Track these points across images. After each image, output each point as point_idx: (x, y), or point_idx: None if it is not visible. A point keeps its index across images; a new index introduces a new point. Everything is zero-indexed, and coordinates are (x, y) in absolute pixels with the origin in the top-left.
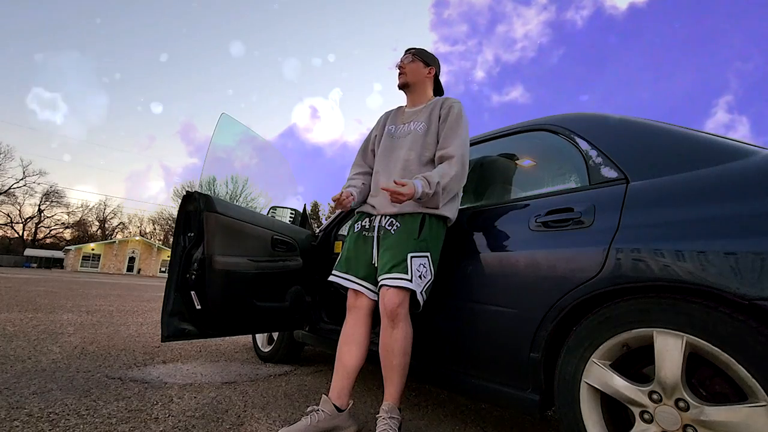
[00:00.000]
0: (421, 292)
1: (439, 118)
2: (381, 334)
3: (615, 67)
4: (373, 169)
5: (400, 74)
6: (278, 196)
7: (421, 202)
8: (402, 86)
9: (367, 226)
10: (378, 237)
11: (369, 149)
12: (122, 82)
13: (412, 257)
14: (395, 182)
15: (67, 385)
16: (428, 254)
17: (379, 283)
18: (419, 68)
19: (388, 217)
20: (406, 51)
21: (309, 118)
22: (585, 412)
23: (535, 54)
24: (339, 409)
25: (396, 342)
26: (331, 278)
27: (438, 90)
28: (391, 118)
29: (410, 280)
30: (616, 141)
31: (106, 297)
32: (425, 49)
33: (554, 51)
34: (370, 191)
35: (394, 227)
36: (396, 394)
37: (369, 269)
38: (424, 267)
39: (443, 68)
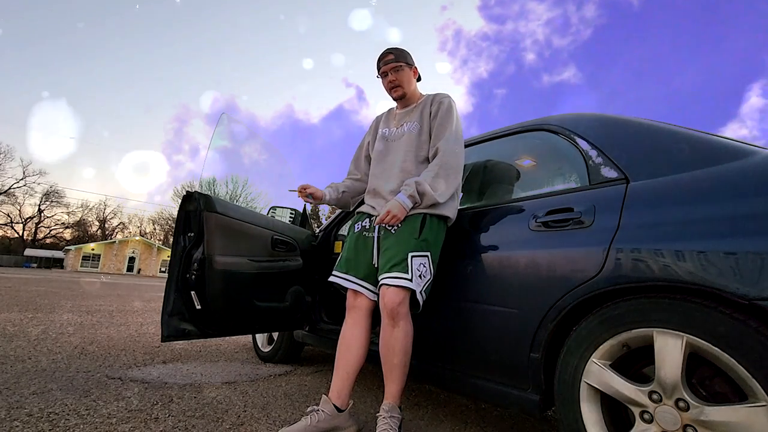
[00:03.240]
0: (420, 292)
1: (430, 114)
2: (381, 333)
3: (654, 49)
4: (361, 177)
5: (394, 88)
6: (278, 196)
7: (420, 205)
8: (400, 98)
9: (367, 227)
10: (378, 237)
11: (363, 156)
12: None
13: (412, 256)
14: (381, 217)
15: (67, 385)
16: (428, 254)
17: (380, 282)
18: (408, 74)
19: None
20: (387, 58)
21: (356, 99)
22: (585, 412)
23: (588, 37)
24: (339, 409)
25: (397, 341)
26: (331, 278)
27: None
28: (383, 121)
29: (410, 280)
30: (616, 141)
31: (106, 297)
32: (399, 48)
33: (607, 32)
34: (344, 197)
35: (395, 227)
36: (396, 394)
37: (369, 269)
38: (424, 266)
39: (493, 51)
